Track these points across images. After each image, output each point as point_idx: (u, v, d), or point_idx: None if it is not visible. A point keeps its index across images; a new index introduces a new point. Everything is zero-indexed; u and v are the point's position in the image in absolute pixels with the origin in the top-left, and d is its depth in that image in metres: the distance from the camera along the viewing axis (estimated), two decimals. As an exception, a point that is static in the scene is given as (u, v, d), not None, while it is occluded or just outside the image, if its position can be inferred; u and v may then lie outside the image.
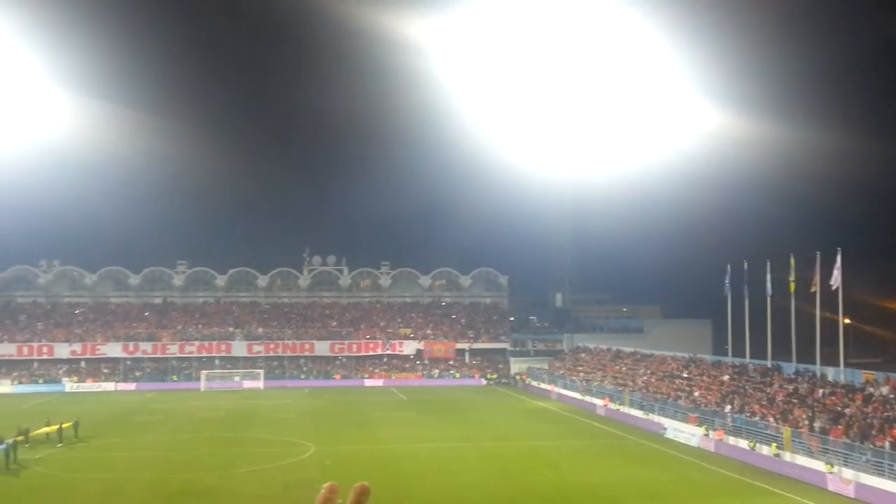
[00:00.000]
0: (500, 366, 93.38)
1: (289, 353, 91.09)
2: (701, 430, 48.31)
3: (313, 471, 38.18)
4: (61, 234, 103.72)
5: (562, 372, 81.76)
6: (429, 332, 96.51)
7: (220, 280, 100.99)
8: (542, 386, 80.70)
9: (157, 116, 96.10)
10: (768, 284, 53.23)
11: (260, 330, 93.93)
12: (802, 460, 38.90)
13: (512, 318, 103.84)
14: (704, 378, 58.20)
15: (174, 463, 41.20)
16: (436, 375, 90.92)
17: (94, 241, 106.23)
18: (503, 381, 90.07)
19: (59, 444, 45.45)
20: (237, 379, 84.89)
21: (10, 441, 40.56)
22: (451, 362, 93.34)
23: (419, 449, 45.25)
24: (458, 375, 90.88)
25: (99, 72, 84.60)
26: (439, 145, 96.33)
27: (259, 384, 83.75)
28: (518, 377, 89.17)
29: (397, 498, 30.31)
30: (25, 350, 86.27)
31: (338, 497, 1.57)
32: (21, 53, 73.09)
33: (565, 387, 75.28)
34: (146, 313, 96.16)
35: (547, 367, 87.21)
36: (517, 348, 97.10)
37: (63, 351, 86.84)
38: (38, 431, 46.30)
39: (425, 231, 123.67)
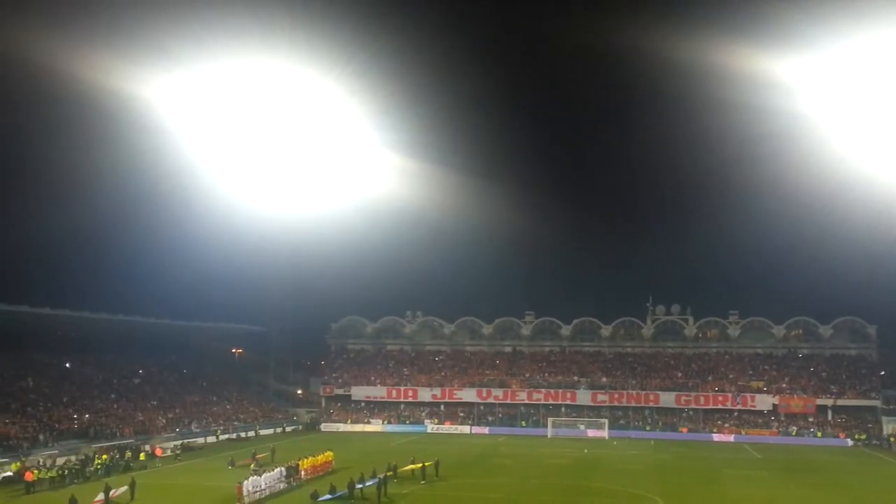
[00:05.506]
0: (870, 425, 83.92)
1: (633, 404, 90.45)
2: None
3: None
4: (424, 288, 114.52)
5: (949, 436, 71.18)
6: (784, 385, 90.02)
7: (565, 330, 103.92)
8: (924, 451, 70.95)
9: (498, 182, 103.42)
10: None
11: (604, 379, 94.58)
12: None
13: (883, 373, 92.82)
14: None
15: (523, 507, 42.92)
16: (793, 433, 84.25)
17: (451, 293, 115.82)
18: (873, 442, 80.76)
19: (422, 482, 49.69)
20: (582, 427, 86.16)
21: (381, 476, 45.44)
22: (811, 419, 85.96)
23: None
24: (819, 434, 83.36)
25: (444, 143, 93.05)
26: (789, 180, 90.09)
27: (603, 433, 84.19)
28: (892, 439, 79.27)
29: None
30: (394, 393, 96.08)
31: None
32: (369, 125, 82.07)
33: (953, 453, 65.47)
34: (497, 361, 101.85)
35: (929, 430, 76.50)
36: (890, 406, 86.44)
37: (425, 395, 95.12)
38: (405, 468, 51.18)
39: (777, 277, 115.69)
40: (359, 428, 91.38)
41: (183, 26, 66.47)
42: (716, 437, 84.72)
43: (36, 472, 48.38)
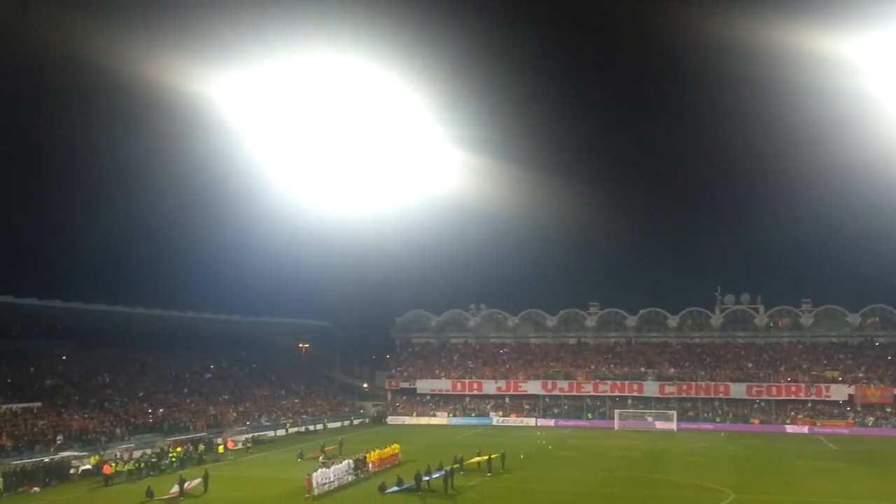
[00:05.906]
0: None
1: (702, 395, 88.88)
2: None
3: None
4: (487, 281, 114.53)
5: None
6: (861, 375, 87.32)
7: (631, 321, 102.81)
8: None
9: (561, 175, 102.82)
10: None
11: (671, 370, 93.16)
12: None
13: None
14: None
15: (591, 501, 42.51)
16: (870, 424, 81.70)
17: (515, 286, 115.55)
18: (958, 434, 77.71)
19: (489, 474, 49.66)
20: (649, 419, 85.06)
21: (447, 468, 45.58)
22: (889, 410, 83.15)
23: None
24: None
25: (507, 138, 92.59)
26: (860, 163, 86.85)
27: (672, 425, 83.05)
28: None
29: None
30: (459, 386, 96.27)
31: None
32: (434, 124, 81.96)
33: None
34: (562, 353, 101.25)
35: None
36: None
37: (490, 387, 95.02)
38: (471, 461, 51.23)
39: (851, 263, 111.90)
40: (424, 421, 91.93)
41: (247, 24, 67.70)
42: (789, 428, 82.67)
43: (114, 465, 49.93)
